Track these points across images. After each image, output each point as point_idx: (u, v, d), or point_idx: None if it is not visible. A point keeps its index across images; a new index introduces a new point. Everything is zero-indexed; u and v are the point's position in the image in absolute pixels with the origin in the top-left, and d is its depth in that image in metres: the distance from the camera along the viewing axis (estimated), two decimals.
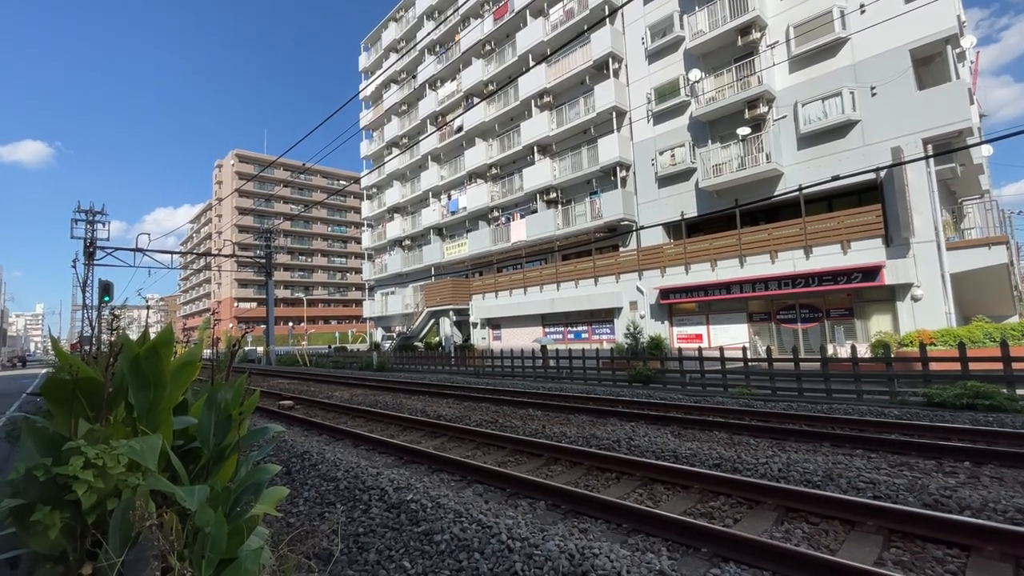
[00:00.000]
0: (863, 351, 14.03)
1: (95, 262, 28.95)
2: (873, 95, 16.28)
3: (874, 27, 15.89)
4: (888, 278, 14.60)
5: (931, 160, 14.92)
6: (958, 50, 16.37)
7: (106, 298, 25.21)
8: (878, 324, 15.59)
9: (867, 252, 15.36)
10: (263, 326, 41.04)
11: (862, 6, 16.46)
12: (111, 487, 1.62)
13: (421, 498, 4.44)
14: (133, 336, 2.39)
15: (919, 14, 15.39)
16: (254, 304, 72.75)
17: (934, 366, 10.21)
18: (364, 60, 45.27)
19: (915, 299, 14.67)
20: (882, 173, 15.25)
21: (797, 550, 3.26)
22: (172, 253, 31.84)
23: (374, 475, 5.30)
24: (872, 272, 14.80)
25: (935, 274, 14.47)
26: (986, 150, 20.25)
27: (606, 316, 22.49)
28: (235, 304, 72.04)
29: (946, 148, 14.92)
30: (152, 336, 2.12)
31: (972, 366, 9.49)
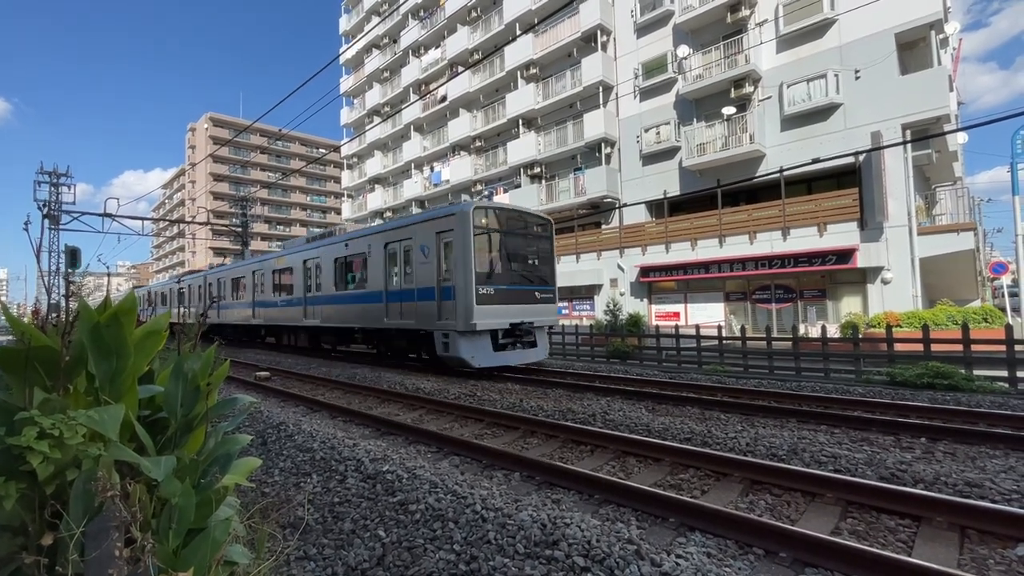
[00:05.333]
0: (833, 331, 14.47)
1: (61, 227, 27.80)
2: (857, 78, 16.36)
3: (861, 8, 15.85)
4: (860, 261, 14.97)
5: (908, 146, 15.17)
6: (942, 36, 16.50)
7: (73, 264, 24.33)
8: (849, 305, 16.06)
9: (842, 235, 15.69)
10: None
11: None
12: (70, 458, 1.58)
13: (397, 469, 4.47)
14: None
15: None
16: None
17: (899, 347, 10.60)
18: (345, 22, 43.56)
19: (885, 282, 15.11)
20: (861, 157, 15.47)
21: (759, 520, 3.40)
22: (143, 219, 30.74)
23: (351, 446, 5.31)
24: (846, 255, 15.15)
25: (905, 258, 14.89)
26: (961, 137, 20.67)
27: (587, 292, 22.67)
28: None
29: (924, 134, 15.17)
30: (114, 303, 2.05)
31: (934, 347, 9.87)
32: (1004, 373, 8.90)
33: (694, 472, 4.68)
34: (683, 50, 20.21)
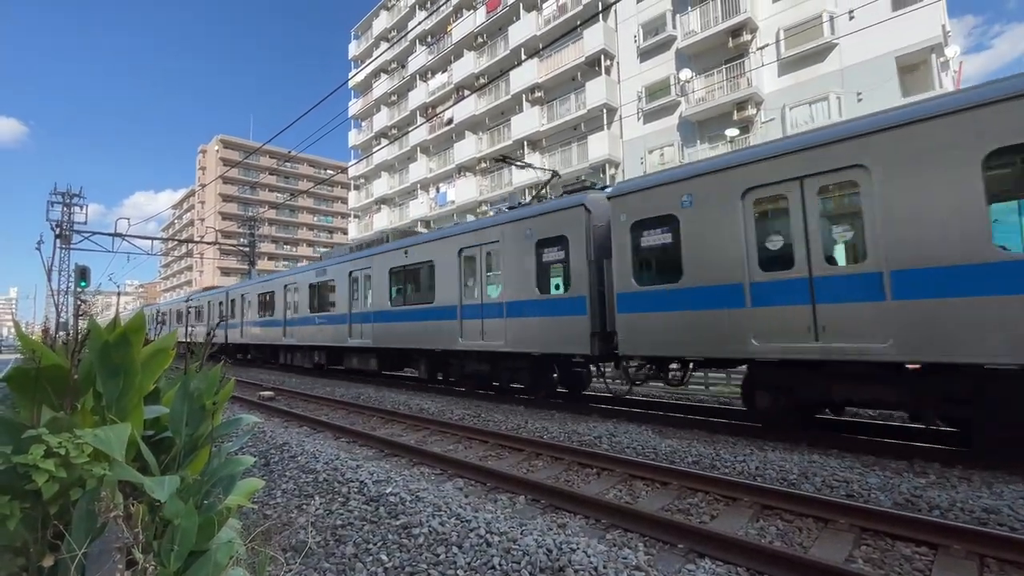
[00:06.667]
0: None
1: (72, 246, 28.21)
2: (859, 101, 16.52)
3: (862, 32, 16.10)
4: None
5: None
6: (942, 59, 16.70)
7: (83, 283, 24.59)
8: None
9: None
10: None
11: (850, 12, 16.68)
12: (75, 477, 1.57)
13: (400, 491, 4.42)
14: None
15: (906, 23, 15.65)
16: None
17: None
18: (354, 48, 44.69)
19: None
20: None
21: (770, 547, 3.31)
22: (153, 239, 31.15)
23: (354, 468, 5.26)
24: None
25: None
26: None
27: None
28: None
29: None
30: (123, 322, 2.07)
31: None
32: None
33: (703, 496, 4.59)
34: (685, 74, 20.54)
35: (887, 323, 5.27)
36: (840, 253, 6.05)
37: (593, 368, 9.75)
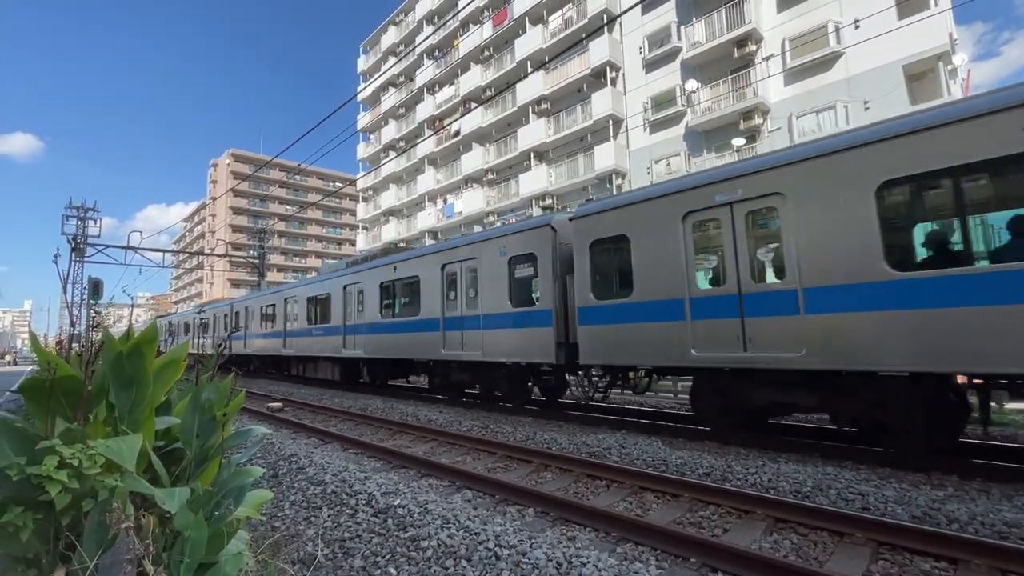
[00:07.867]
0: None
1: (85, 259, 28.64)
2: (866, 110, 16.49)
3: (868, 42, 16.12)
4: None
5: None
6: (950, 67, 16.64)
7: (95, 297, 24.92)
8: None
9: None
10: None
11: (856, 21, 16.71)
12: (87, 488, 1.58)
13: (409, 503, 4.39)
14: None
15: (912, 31, 15.64)
16: None
17: None
18: (363, 63, 45.36)
19: None
20: None
21: (786, 561, 3.25)
22: (164, 251, 31.56)
23: (362, 479, 5.24)
24: None
25: None
26: None
27: None
28: None
29: None
30: (136, 334, 2.09)
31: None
32: None
33: (715, 509, 4.52)
34: (691, 84, 20.63)
35: None
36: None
37: None
